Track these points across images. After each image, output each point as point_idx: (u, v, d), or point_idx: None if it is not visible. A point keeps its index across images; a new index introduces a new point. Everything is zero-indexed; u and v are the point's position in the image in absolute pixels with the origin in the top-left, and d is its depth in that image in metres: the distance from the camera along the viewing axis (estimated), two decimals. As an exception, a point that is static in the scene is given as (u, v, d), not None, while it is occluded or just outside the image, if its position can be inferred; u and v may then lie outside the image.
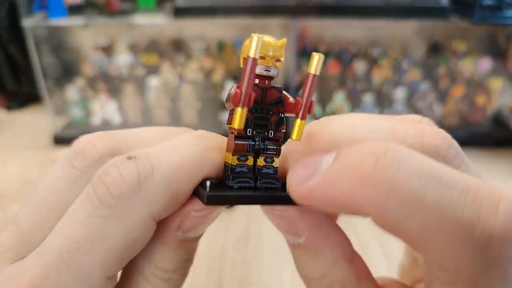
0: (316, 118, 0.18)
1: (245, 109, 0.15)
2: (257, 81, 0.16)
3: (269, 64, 0.16)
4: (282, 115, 0.17)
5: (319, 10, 0.72)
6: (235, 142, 0.16)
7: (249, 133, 0.16)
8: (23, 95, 0.98)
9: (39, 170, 0.72)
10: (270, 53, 0.16)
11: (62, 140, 0.82)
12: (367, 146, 0.13)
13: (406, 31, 0.87)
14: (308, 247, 0.16)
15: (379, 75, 0.83)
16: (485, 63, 0.81)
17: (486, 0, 0.70)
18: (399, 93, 0.82)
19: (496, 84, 0.81)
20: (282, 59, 0.16)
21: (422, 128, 0.15)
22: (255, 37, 0.14)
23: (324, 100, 0.84)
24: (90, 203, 0.15)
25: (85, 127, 0.85)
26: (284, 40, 0.16)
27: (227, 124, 0.16)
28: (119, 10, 0.79)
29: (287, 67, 0.79)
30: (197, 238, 0.18)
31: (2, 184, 0.68)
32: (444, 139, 0.15)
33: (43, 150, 0.80)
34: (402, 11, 0.71)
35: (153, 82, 0.82)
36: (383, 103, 0.83)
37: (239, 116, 0.15)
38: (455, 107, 0.83)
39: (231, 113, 0.16)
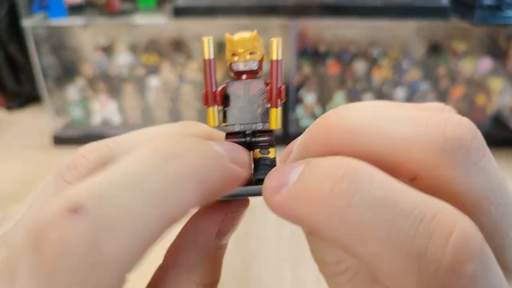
0: (316, 117, 0.18)
1: (215, 107, 0.16)
2: (244, 77, 0.17)
3: (242, 59, 0.16)
4: (268, 105, 0.17)
5: (319, 10, 0.72)
6: (225, 139, 0.17)
7: (237, 128, 0.17)
8: (23, 95, 0.98)
9: (39, 170, 0.72)
10: (240, 49, 0.16)
11: (62, 140, 0.82)
12: (328, 164, 0.13)
13: (406, 31, 0.87)
14: None
15: (379, 75, 0.83)
16: (485, 63, 0.81)
17: (486, 0, 0.70)
18: (399, 93, 0.82)
19: (496, 84, 0.81)
20: (257, 51, 0.16)
21: (445, 117, 0.14)
22: (204, 39, 0.15)
23: (324, 100, 0.84)
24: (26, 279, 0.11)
25: (85, 127, 0.85)
26: (254, 32, 0.16)
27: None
28: (119, 10, 0.79)
29: (287, 67, 0.79)
30: (226, 244, 0.17)
31: (2, 184, 0.68)
32: (468, 128, 0.14)
33: (43, 150, 0.80)
34: (402, 11, 0.71)
35: (153, 82, 0.82)
36: (383, 103, 0.83)
37: (211, 115, 0.16)
38: (455, 107, 0.82)
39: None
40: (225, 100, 0.17)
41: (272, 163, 0.17)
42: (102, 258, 0.11)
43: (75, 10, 0.78)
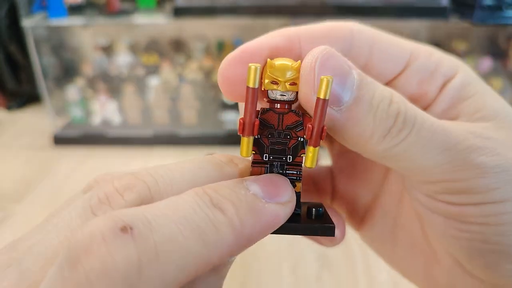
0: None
1: (251, 138, 0.15)
2: (278, 106, 0.16)
3: (282, 89, 0.15)
4: (302, 139, 0.16)
5: (319, 10, 0.72)
6: (251, 167, 0.16)
7: (266, 158, 0.16)
8: (23, 95, 0.98)
9: (39, 170, 0.72)
10: (281, 78, 0.15)
11: (62, 140, 0.82)
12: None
13: (406, 31, 0.87)
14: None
15: (379, 75, 0.83)
16: (485, 63, 0.81)
17: (486, 0, 0.70)
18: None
19: (496, 84, 0.81)
20: (298, 82, 0.15)
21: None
22: (252, 66, 0.14)
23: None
24: None
25: (85, 127, 0.85)
26: (299, 62, 0.15)
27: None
28: (119, 10, 0.79)
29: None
30: (234, 260, 0.17)
31: (2, 184, 0.68)
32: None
33: (43, 150, 0.80)
34: (402, 11, 0.71)
35: (153, 82, 0.82)
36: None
37: (245, 145, 0.15)
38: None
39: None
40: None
41: (298, 198, 0.16)
42: (141, 282, 0.10)
43: (75, 10, 0.78)
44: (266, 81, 0.16)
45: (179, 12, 0.73)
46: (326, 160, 0.23)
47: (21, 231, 0.14)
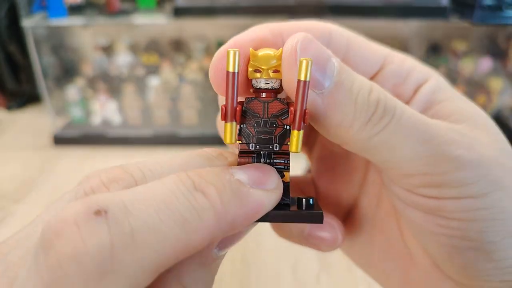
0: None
1: (234, 124, 0.15)
2: (264, 95, 0.16)
3: (266, 76, 0.16)
4: (288, 127, 0.16)
5: (319, 10, 0.72)
6: (238, 157, 0.16)
7: (252, 147, 0.16)
8: (23, 95, 0.98)
9: (39, 170, 0.72)
10: (264, 66, 0.16)
11: (62, 140, 0.82)
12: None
13: (406, 31, 0.87)
14: None
15: (379, 75, 0.83)
16: (485, 63, 0.81)
17: (486, 0, 0.69)
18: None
19: (496, 84, 0.81)
20: (281, 69, 0.16)
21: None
22: (230, 51, 0.14)
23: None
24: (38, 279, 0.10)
25: (85, 127, 0.85)
26: (281, 50, 0.16)
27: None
28: (119, 10, 0.79)
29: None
30: (224, 255, 0.17)
31: (2, 184, 0.68)
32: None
33: (43, 150, 0.80)
34: (402, 11, 0.71)
35: (153, 82, 0.82)
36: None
37: (228, 131, 0.15)
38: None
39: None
40: (241, 116, 0.16)
41: (286, 188, 0.16)
42: (115, 267, 0.10)
43: (75, 10, 0.78)
44: (250, 69, 0.16)
45: (179, 12, 0.73)
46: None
47: (21, 231, 0.15)
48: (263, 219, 0.15)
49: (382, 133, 0.15)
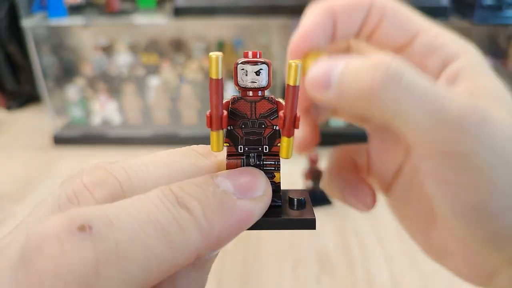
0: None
1: (220, 132, 0.15)
2: (250, 93, 0.15)
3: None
4: (277, 127, 0.15)
5: (319, 10, 0.72)
6: (227, 159, 0.15)
7: (241, 150, 0.15)
8: (23, 95, 0.98)
9: (39, 170, 0.72)
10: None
11: (62, 140, 0.82)
12: (370, 61, 0.14)
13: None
14: None
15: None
16: (485, 63, 0.81)
17: (486, 0, 0.69)
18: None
19: (496, 84, 0.81)
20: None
21: None
22: (213, 56, 0.13)
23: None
24: None
25: (85, 127, 0.85)
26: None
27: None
28: (119, 10, 0.79)
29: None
30: (217, 254, 0.16)
31: (2, 184, 0.68)
32: None
33: (43, 150, 0.80)
34: (402, 11, 0.71)
35: (153, 82, 0.82)
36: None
37: (215, 140, 0.15)
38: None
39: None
40: (228, 118, 0.15)
41: (277, 189, 0.15)
42: (99, 285, 0.10)
43: (75, 10, 0.78)
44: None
45: (179, 12, 0.73)
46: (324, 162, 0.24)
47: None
48: (253, 227, 0.14)
49: (398, 91, 0.14)
